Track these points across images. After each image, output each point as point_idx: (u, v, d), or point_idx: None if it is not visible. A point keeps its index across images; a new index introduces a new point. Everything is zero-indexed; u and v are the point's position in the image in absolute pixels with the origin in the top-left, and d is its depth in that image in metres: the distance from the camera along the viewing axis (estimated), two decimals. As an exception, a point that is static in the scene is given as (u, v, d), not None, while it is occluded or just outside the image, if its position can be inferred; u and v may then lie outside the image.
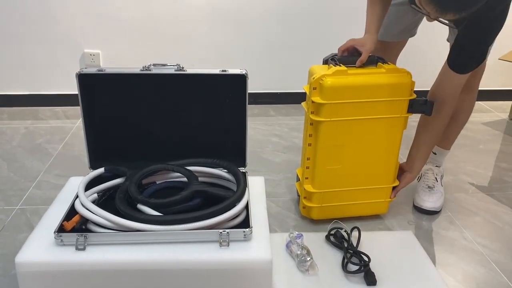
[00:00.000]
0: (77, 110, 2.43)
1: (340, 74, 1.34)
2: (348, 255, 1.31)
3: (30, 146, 2.06)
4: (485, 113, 2.61)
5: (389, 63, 1.43)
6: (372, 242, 1.40)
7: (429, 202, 1.60)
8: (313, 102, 1.35)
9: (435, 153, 1.73)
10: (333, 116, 1.35)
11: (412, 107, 1.40)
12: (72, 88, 2.48)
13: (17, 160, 1.93)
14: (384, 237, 1.45)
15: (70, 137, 2.16)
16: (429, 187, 1.65)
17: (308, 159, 1.45)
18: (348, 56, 1.44)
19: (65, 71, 2.46)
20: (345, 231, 1.41)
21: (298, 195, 1.64)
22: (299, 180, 1.60)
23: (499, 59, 2.41)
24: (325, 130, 1.37)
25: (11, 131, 2.22)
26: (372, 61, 1.43)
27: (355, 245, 1.36)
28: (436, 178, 1.68)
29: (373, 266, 1.27)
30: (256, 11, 2.43)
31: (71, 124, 2.31)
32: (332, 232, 1.42)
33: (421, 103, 1.40)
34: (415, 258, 1.35)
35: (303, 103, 1.47)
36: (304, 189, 1.48)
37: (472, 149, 2.15)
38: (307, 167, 1.46)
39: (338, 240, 1.39)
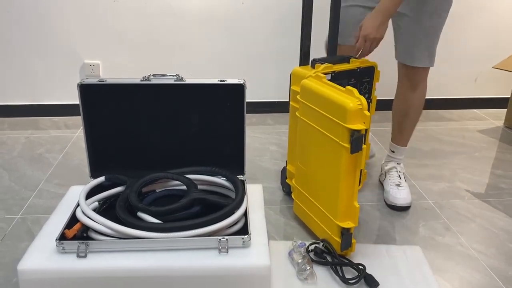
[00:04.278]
0: (77, 120, 2.46)
1: (317, 78, 1.36)
2: (337, 267, 1.29)
3: (30, 155, 2.08)
4: (480, 120, 2.63)
5: (357, 58, 1.51)
6: (367, 255, 1.40)
7: (401, 198, 1.68)
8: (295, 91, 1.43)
9: (393, 151, 1.82)
10: (301, 114, 1.39)
11: (351, 142, 1.19)
12: (72, 98, 2.52)
13: (17, 170, 1.94)
14: (383, 249, 1.46)
15: (70, 146, 2.18)
16: (396, 184, 1.73)
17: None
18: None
19: (65, 82, 2.49)
20: (323, 244, 1.37)
21: (285, 191, 1.73)
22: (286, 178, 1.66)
23: (493, 67, 2.44)
24: (297, 120, 1.42)
25: (12, 141, 2.24)
26: (343, 59, 1.50)
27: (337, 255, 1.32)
28: (399, 175, 1.76)
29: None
30: (254, 21, 2.47)
31: (71, 133, 2.33)
32: (311, 248, 1.37)
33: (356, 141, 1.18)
34: (413, 265, 1.36)
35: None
36: (289, 170, 1.59)
37: (468, 156, 2.17)
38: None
39: (319, 257, 1.35)
